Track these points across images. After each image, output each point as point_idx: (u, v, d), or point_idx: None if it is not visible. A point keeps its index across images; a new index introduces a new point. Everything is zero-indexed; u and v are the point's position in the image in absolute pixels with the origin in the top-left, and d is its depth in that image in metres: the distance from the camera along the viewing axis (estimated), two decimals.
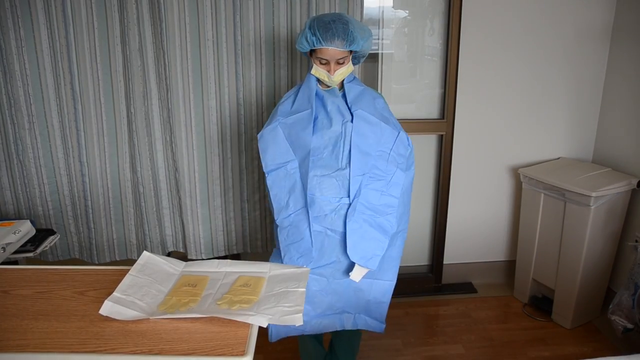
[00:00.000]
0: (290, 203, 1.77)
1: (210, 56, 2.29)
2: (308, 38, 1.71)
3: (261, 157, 1.79)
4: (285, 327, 1.87)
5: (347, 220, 1.75)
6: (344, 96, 1.82)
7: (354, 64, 1.89)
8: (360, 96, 1.82)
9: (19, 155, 2.37)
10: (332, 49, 1.70)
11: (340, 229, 1.78)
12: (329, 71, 1.75)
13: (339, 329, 1.96)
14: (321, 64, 1.75)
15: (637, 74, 2.53)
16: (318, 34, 1.69)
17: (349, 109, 1.78)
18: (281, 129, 1.77)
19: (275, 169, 1.78)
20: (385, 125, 1.78)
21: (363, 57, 1.91)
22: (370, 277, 1.87)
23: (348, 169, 1.74)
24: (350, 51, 1.77)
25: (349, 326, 1.97)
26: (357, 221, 1.75)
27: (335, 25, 1.69)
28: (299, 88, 1.85)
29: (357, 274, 1.81)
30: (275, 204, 1.79)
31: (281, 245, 1.82)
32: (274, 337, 1.91)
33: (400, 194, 1.82)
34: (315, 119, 1.78)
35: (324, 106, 1.80)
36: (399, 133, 1.80)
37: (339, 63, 1.74)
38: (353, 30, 1.71)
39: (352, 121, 1.75)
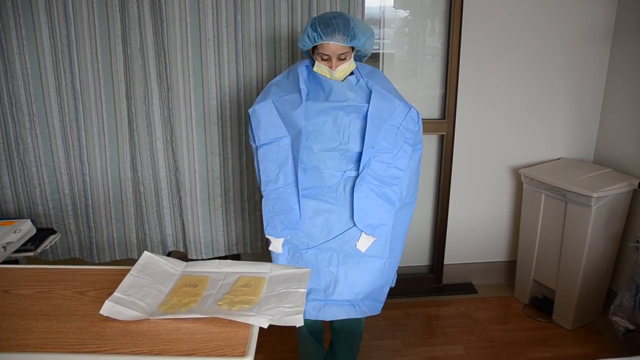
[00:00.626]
0: (280, 177, 1.80)
1: (211, 56, 2.29)
2: (310, 34, 1.73)
3: (254, 131, 1.81)
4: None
5: (354, 189, 1.78)
6: (352, 79, 1.83)
7: (359, 60, 1.90)
8: (373, 73, 1.87)
9: (20, 154, 2.37)
10: (333, 44, 1.72)
11: (347, 201, 1.81)
12: (330, 67, 1.76)
13: (348, 317, 1.95)
14: (323, 59, 1.76)
15: (638, 74, 2.52)
16: (319, 29, 1.71)
17: (366, 84, 1.81)
18: (275, 105, 1.79)
19: (267, 143, 1.80)
20: (398, 102, 1.81)
21: (365, 56, 1.92)
22: (381, 256, 1.88)
23: (351, 143, 1.77)
24: (352, 48, 1.78)
25: (358, 315, 1.96)
26: (364, 190, 1.79)
27: (336, 21, 1.71)
28: (289, 72, 1.87)
29: (363, 244, 1.83)
30: (263, 176, 1.81)
31: (265, 216, 1.84)
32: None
33: (407, 167, 1.84)
34: (311, 94, 1.80)
35: (320, 83, 1.81)
36: (409, 109, 1.83)
37: (341, 59, 1.75)
38: (354, 26, 1.72)
39: (366, 98, 1.77)
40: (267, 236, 1.88)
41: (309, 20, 1.77)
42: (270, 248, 1.91)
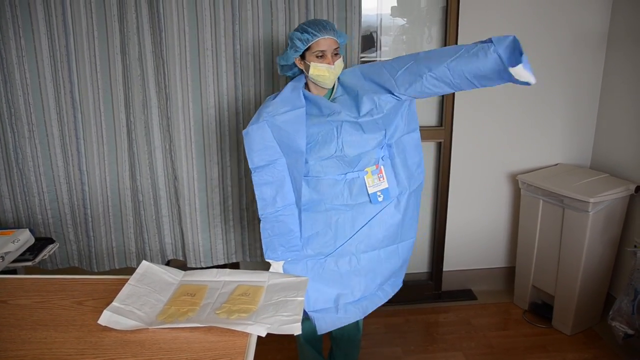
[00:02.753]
0: (277, 199, 1.78)
1: (210, 65, 2.30)
2: (300, 38, 1.73)
3: (247, 154, 1.77)
4: (331, 316, 1.89)
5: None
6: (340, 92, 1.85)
7: None
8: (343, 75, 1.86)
9: (19, 163, 2.37)
10: (328, 38, 1.73)
11: (356, 201, 1.82)
12: (328, 63, 1.75)
13: (379, 304, 1.98)
14: (318, 57, 1.75)
15: (634, 79, 2.54)
16: (310, 29, 1.73)
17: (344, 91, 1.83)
18: (269, 127, 1.76)
19: (262, 165, 1.77)
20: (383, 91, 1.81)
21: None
22: (395, 242, 1.92)
23: (346, 149, 1.77)
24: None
25: (386, 298, 2.00)
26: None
27: (320, 20, 1.77)
28: (285, 91, 1.86)
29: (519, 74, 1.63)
30: (260, 201, 1.79)
31: (264, 240, 1.83)
32: (322, 329, 1.91)
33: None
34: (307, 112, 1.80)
35: (310, 100, 1.80)
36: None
37: (336, 54, 1.76)
38: (334, 26, 1.78)
39: (352, 103, 1.78)
40: (267, 260, 1.87)
41: (291, 34, 1.78)
42: (271, 270, 1.88)
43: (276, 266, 1.87)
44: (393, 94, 1.75)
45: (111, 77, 2.30)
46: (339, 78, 1.86)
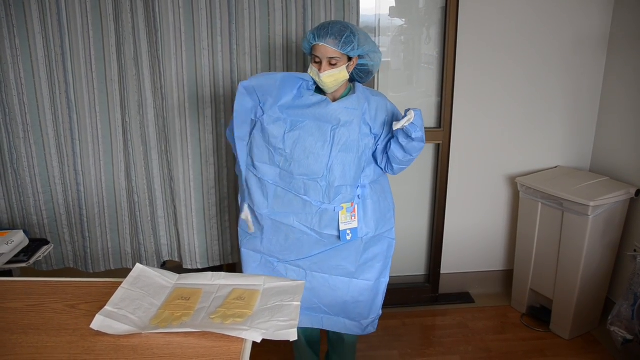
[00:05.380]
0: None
1: (206, 65, 2.28)
2: (307, 37, 1.76)
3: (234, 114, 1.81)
4: None
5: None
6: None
7: (360, 80, 1.90)
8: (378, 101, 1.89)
9: (14, 164, 2.35)
10: (323, 46, 1.72)
11: (323, 231, 1.82)
12: (319, 70, 1.74)
13: (318, 328, 2.01)
14: (314, 62, 1.76)
15: (635, 82, 2.53)
16: (315, 32, 1.73)
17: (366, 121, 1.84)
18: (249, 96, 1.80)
19: (239, 137, 1.84)
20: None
21: (370, 73, 1.90)
22: (348, 276, 1.92)
23: (330, 174, 1.77)
24: (349, 59, 1.76)
25: (333, 328, 2.00)
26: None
27: (332, 25, 1.73)
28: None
29: (396, 125, 1.74)
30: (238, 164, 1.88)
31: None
32: None
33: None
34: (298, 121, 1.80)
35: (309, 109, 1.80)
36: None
37: (331, 64, 1.73)
38: (351, 35, 1.72)
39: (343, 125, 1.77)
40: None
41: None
42: (242, 216, 1.93)
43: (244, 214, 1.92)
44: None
45: (107, 77, 2.28)
46: (366, 92, 1.87)
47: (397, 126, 1.70)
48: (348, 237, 1.83)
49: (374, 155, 1.89)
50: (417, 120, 1.70)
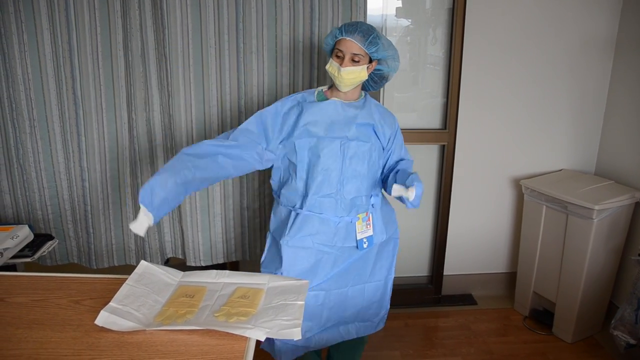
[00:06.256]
0: (230, 137, 1.92)
1: (213, 63, 2.28)
2: (333, 32, 1.76)
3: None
4: (292, 346, 1.91)
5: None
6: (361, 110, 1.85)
7: (371, 87, 1.90)
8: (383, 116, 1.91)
9: (19, 159, 2.36)
10: (350, 40, 1.71)
11: (343, 244, 1.84)
12: (340, 64, 1.73)
13: (339, 341, 1.98)
14: (337, 57, 1.75)
15: None
16: (343, 27, 1.73)
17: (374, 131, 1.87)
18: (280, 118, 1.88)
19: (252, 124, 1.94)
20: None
21: (384, 80, 1.90)
22: (362, 282, 1.94)
23: (344, 188, 1.81)
24: (371, 61, 1.76)
25: (348, 336, 2.00)
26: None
27: (360, 24, 1.74)
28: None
29: (397, 190, 1.75)
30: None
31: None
32: (284, 358, 1.92)
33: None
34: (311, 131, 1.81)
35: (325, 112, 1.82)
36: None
37: (354, 60, 1.72)
38: (377, 36, 1.73)
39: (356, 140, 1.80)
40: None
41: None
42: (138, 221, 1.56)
43: (141, 214, 1.58)
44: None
45: (113, 74, 2.29)
46: (378, 104, 1.90)
47: (396, 193, 1.73)
48: (365, 246, 1.87)
49: None
50: (416, 201, 1.73)
